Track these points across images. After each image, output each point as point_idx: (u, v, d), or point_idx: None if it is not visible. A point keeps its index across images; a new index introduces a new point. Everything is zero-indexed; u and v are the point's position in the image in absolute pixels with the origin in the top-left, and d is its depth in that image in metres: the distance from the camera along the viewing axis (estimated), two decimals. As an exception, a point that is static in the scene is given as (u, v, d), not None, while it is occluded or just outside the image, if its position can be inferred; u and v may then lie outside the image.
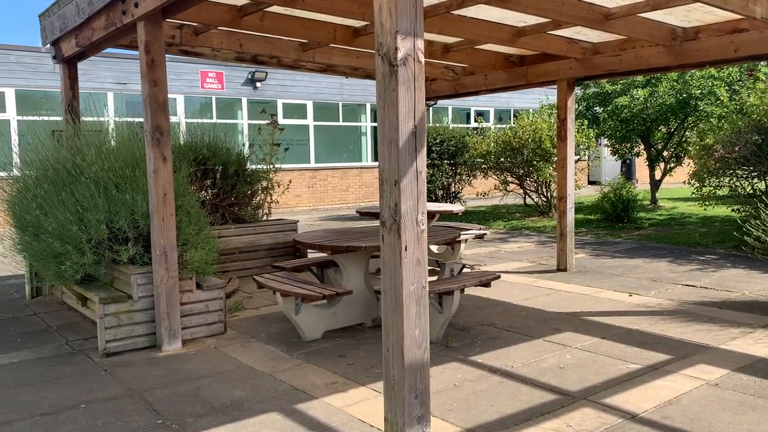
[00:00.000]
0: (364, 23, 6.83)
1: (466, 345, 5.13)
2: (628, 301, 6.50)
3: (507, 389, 4.17)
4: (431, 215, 8.34)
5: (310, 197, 18.56)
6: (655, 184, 16.03)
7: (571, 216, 8.17)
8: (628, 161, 26.56)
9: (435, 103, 10.35)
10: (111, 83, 15.75)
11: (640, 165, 26.71)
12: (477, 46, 7.98)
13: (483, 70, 8.91)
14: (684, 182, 11.15)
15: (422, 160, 2.79)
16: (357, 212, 8.70)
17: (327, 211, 18.49)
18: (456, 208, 8.58)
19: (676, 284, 7.23)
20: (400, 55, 2.69)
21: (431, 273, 8.10)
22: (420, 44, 2.76)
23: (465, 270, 6.33)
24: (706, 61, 6.70)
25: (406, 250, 2.78)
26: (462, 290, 5.19)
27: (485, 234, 8.38)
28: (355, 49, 8.27)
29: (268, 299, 6.93)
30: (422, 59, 2.75)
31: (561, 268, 8.18)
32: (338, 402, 4.02)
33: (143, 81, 5.08)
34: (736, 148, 9.20)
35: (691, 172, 10.43)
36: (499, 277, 5.54)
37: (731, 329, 5.38)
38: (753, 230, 6.29)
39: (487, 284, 5.30)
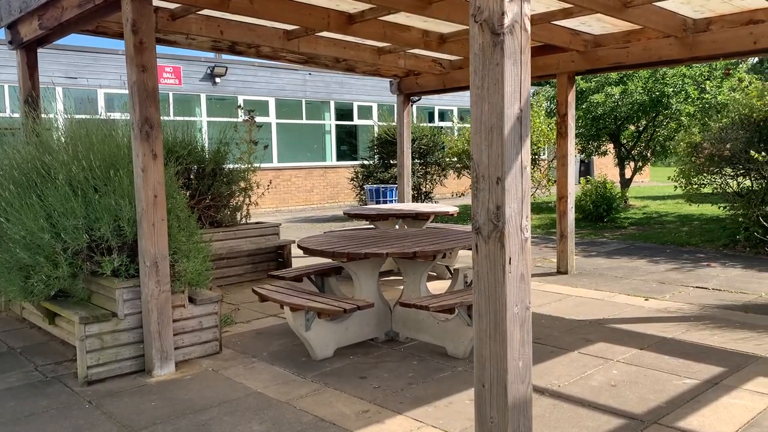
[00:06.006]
0: (362, 8, 6.27)
1: (498, 360, 4.64)
2: (647, 306, 6.14)
3: (564, 414, 3.70)
4: (427, 217, 7.84)
5: (273, 198, 17.80)
6: (625, 183, 15.97)
7: (571, 216, 7.80)
8: (586, 161, 26.76)
9: (419, 99, 9.86)
10: (60, 77, 14.66)
11: (599, 164, 26.97)
12: (474, 37, 7.53)
13: (475, 64, 8.45)
14: (669, 178, 10.95)
15: (527, 152, 2.28)
16: (345, 213, 8.11)
17: (291, 212, 17.78)
18: (451, 209, 8.10)
19: (686, 286, 6.93)
20: (506, 21, 2.17)
21: (433, 279, 7.58)
22: (527, 9, 2.24)
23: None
24: (721, 54, 6.40)
25: (510, 263, 2.26)
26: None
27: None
28: (343, 38, 7.72)
29: (259, 311, 6.30)
30: (529, 27, 2.23)
31: (561, 270, 7.81)
32: (379, 436, 3.47)
33: (130, 66, 4.39)
34: (728, 146, 9.02)
35: (677, 170, 10.24)
36: (528, 284, 5.07)
37: (770, 336, 5.07)
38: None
39: (518, 293, 4.82)
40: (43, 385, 4.41)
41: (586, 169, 26.71)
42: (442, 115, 22.65)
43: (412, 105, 9.79)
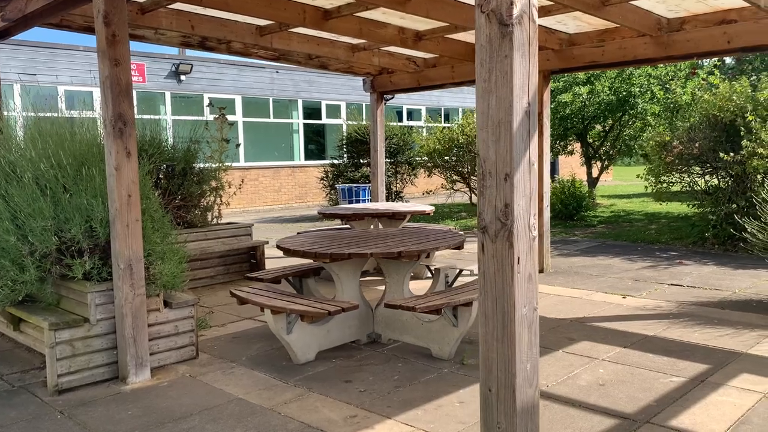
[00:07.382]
0: (339, 4, 6.15)
1: (483, 361, 4.57)
2: (625, 303, 6.16)
3: (556, 415, 3.65)
4: (403, 216, 7.76)
5: (240, 198, 17.51)
6: (592, 182, 16.15)
7: (547, 215, 7.80)
8: (552, 160, 27.08)
9: (393, 97, 9.77)
10: (17, 74, 14.16)
11: (563, 164, 27.28)
12: (450, 35, 7.47)
13: (450, 62, 8.41)
14: (638, 176, 11.07)
15: (535, 147, 2.20)
16: (319, 213, 7.97)
17: (259, 213, 17.53)
18: (428, 208, 8.03)
19: (661, 284, 6.99)
20: (515, 11, 2.09)
21: (416, 279, 7.48)
22: None
23: (467, 275, 5.79)
24: (695, 53, 6.45)
25: (518, 262, 2.18)
26: (478, 300, 4.63)
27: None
28: (317, 35, 7.58)
29: (234, 314, 6.13)
30: (537, 18, 2.16)
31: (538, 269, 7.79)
32: (370, 442, 3.36)
33: (101, 60, 4.20)
34: (696, 144, 9.14)
35: (646, 168, 10.36)
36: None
37: (749, 332, 5.11)
38: (749, 227, 6.08)
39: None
40: (9, 395, 4.18)
41: (551, 168, 27.02)
42: (411, 114, 22.63)
43: (385, 103, 9.68)
